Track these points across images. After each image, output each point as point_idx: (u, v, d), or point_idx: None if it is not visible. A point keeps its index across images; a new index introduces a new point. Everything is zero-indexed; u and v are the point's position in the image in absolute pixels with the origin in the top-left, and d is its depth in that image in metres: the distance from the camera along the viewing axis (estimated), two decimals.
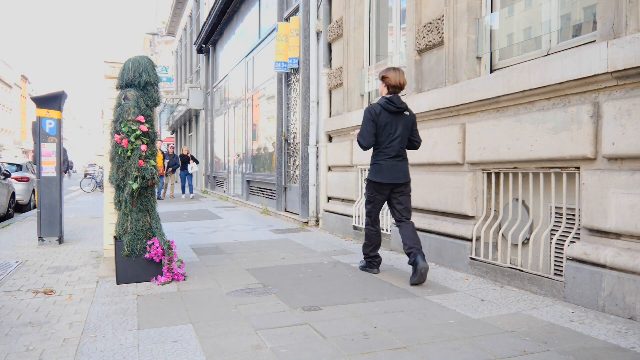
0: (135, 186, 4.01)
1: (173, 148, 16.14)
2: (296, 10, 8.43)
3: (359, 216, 6.19)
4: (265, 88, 10.88)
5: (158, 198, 15.11)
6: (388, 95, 4.08)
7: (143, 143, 4.05)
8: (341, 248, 5.68)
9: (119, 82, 4.21)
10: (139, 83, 4.16)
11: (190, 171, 14.65)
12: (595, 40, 3.25)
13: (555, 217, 3.58)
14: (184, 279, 4.19)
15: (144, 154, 4.04)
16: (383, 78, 4.10)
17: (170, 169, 14.73)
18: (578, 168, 3.34)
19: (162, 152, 14.41)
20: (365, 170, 6.19)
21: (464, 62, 4.41)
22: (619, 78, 3.01)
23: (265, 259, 5.08)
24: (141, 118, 4.06)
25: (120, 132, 4.02)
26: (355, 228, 6.28)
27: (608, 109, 3.09)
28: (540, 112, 3.58)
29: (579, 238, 3.37)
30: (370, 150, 4.24)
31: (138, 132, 4.02)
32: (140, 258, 4.06)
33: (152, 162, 4.10)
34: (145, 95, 4.19)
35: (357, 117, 6.25)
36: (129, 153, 4.01)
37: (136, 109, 4.04)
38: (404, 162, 4.14)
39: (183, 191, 15.16)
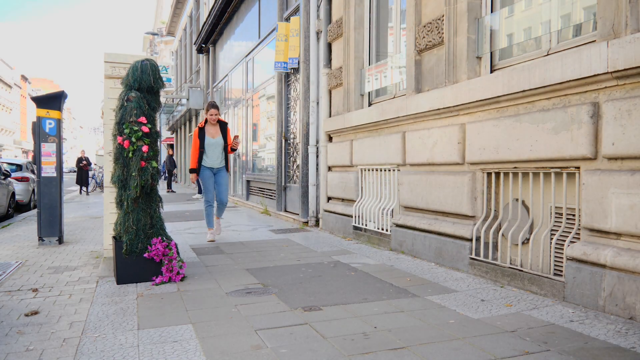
0: (135, 186, 4.02)
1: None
2: (296, 10, 8.43)
3: (359, 216, 6.19)
4: (265, 88, 10.88)
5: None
6: None
7: (145, 144, 4.05)
8: (341, 248, 5.68)
9: (124, 83, 4.21)
10: (148, 88, 4.21)
11: None
12: (595, 40, 3.25)
13: (555, 217, 3.58)
14: (184, 279, 4.19)
15: (145, 154, 4.05)
16: None
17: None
18: (578, 168, 3.34)
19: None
20: (365, 170, 6.19)
21: (464, 62, 4.41)
22: (619, 78, 3.01)
23: (265, 259, 5.08)
24: (143, 119, 4.07)
25: (122, 134, 4.03)
26: (355, 228, 6.28)
27: (608, 109, 3.09)
28: (540, 112, 3.58)
29: (579, 238, 3.37)
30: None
31: (139, 133, 4.04)
32: (140, 258, 4.06)
33: (154, 163, 4.12)
34: (149, 97, 4.21)
35: (357, 118, 6.25)
36: (130, 154, 4.02)
37: (138, 111, 4.06)
38: None
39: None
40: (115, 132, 4.11)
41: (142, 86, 4.16)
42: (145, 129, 4.05)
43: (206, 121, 6.32)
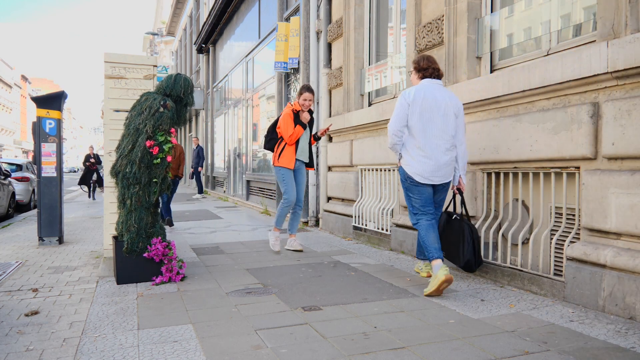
0: (156, 191, 4.13)
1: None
2: (296, 11, 8.43)
3: (359, 216, 6.19)
4: (266, 88, 10.88)
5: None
6: None
7: (169, 155, 4.13)
8: (341, 248, 5.67)
9: (164, 89, 4.22)
10: (186, 102, 4.27)
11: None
12: (595, 40, 3.25)
13: (555, 217, 3.58)
14: (184, 279, 4.19)
15: (168, 164, 4.15)
16: None
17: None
18: (578, 168, 3.34)
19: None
20: (365, 170, 6.19)
21: (464, 62, 4.40)
22: (619, 78, 3.01)
23: (265, 259, 5.08)
24: (173, 131, 4.19)
25: (153, 139, 4.07)
26: (355, 228, 6.28)
27: (608, 109, 3.09)
28: (540, 112, 3.58)
29: (579, 238, 3.37)
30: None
31: (170, 145, 4.12)
32: (140, 258, 4.06)
33: (170, 174, 4.27)
34: (179, 110, 4.30)
35: (357, 118, 6.25)
36: (157, 160, 4.08)
37: (171, 122, 4.14)
38: None
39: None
40: (144, 133, 4.05)
41: (173, 95, 4.22)
42: (174, 141, 4.14)
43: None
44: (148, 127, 4.07)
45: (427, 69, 3.90)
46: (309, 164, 5.44)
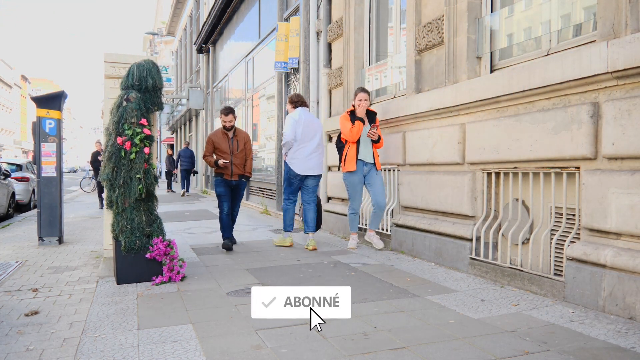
0: (140, 187, 4.05)
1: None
2: (296, 10, 8.43)
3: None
4: (265, 88, 10.88)
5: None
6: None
7: (146, 146, 4.07)
8: (341, 248, 5.67)
9: (123, 84, 4.22)
10: (146, 87, 4.22)
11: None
12: (595, 40, 3.25)
13: (555, 217, 3.58)
14: (184, 279, 4.19)
15: (147, 156, 4.08)
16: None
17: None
18: (578, 168, 3.34)
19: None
20: None
21: (464, 62, 4.40)
22: (619, 78, 3.01)
23: (265, 259, 5.08)
24: (144, 121, 4.11)
25: (123, 135, 4.02)
26: None
27: (608, 109, 3.09)
28: (540, 112, 3.58)
29: (579, 238, 3.37)
30: None
31: (142, 135, 4.06)
32: (140, 257, 4.06)
33: (154, 164, 4.18)
34: (147, 99, 4.22)
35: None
36: (132, 155, 4.02)
37: (138, 112, 4.08)
38: None
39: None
40: (113, 132, 4.09)
41: (147, 85, 4.20)
42: (147, 131, 4.09)
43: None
44: (111, 125, 4.09)
45: (297, 101, 5.73)
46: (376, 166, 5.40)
